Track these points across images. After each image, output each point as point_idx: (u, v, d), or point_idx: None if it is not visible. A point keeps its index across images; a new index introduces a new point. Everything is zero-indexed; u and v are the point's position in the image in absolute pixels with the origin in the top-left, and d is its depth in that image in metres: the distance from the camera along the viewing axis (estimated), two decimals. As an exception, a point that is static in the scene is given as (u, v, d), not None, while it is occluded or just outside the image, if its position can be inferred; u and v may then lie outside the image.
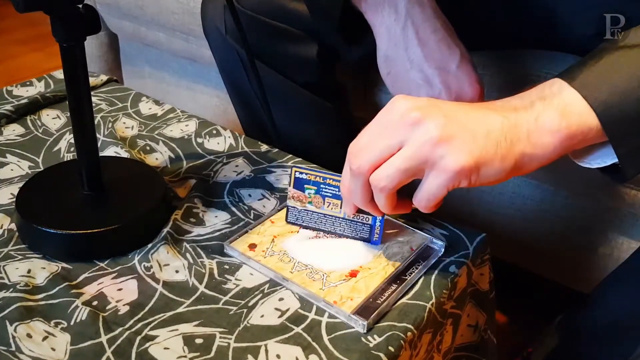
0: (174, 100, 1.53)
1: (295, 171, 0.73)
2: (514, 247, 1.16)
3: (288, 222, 0.76)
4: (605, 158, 0.62)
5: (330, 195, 0.72)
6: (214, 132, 0.97)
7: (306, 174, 0.73)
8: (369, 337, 0.62)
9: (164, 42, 1.46)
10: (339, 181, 0.71)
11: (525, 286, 1.27)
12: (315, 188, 0.73)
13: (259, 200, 0.82)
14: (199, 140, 0.95)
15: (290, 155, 0.91)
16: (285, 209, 0.78)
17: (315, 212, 0.74)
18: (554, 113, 0.58)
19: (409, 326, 0.63)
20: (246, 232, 0.75)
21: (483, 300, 0.78)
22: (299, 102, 1.00)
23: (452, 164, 0.57)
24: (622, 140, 0.58)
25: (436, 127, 0.57)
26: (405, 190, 0.63)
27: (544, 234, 1.13)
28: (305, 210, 0.74)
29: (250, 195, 0.83)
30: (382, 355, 0.60)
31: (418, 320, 0.64)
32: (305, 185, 0.73)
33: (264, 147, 0.93)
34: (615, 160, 0.60)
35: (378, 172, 0.60)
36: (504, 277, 0.91)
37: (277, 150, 0.92)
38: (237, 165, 0.89)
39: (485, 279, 0.77)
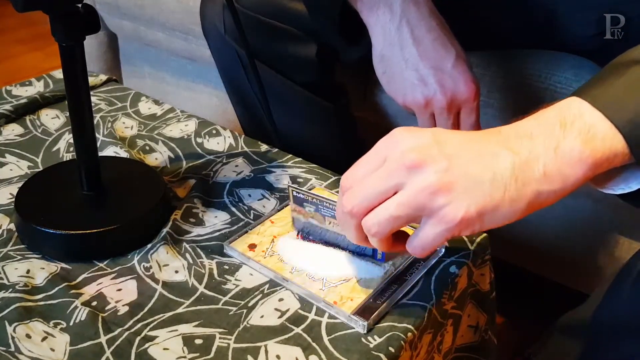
0: (173, 100, 1.53)
1: (293, 190, 0.72)
2: (514, 248, 1.16)
3: (295, 229, 0.75)
4: (630, 183, 0.57)
5: (330, 215, 0.70)
6: (214, 132, 0.97)
7: (303, 194, 0.71)
8: (369, 338, 0.62)
9: (163, 41, 1.46)
10: (334, 203, 0.68)
11: (526, 286, 1.27)
12: (314, 207, 0.71)
13: (258, 200, 0.82)
14: (199, 140, 0.95)
15: (290, 155, 0.91)
16: (284, 209, 0.78)
17: (317, 226, 0.72)
18: (575, 140, 0.52)
19: (410, 327, 0.63)
20: (246, 232, 0.75)
21: (484, 301, 0.78)
22: (299, 102, 1.00)
23: (452, 215, 0.53)
24: None
25: (435, 174, 0.53)
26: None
27: (545, 234, 1.13)
28: (309, 222, 0.73)
29: (250, 196, 0.83)
30: (382, 355, 0.60)
31: (418, 321, 0.64)
32: (305, 203, 0.72)
33: (264, 147, 0.93)
34: None
35: (370, 217, 0.57)
36: (504, 278, 0.91)
37: (276, 150, 0.92)
38: (236, 165, 0.89)
39: (486, 279, 0.77)
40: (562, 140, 0.53)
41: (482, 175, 0.53)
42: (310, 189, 0.79)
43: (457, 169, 0.53)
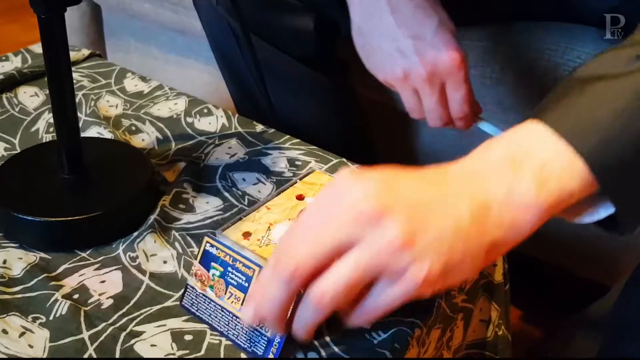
0: (161, 76, 1.52)
1: (207, 242, 0.63)
2: (530, 236, 1.15)
3: (182, 307, 0.64)
4: (600, 211, 0.54)
5: (235, 284, 0.61)
6: (205, 111, 0.97)
7: (217, 248, 0.62)
8: (373, 334, 0.61)
9: (150, 13, 1.45)
10: (250, 267, 0.60)
11: (541, 278, 1.27)
12: (222, 270, 0.61)
13: (253, 184, 0.81)
14: (189, 119, 0.95)
15: (288, 137, 0.90)
16: (282, 195, 0.78)
17: (212, 301, 0.62)
18: (528, 183, 0.50)
19: (417, 322, 0.63)
20: (240, 219, 0.74)
21: (496, 294, 0.78)
22: (296, 78, 1.00)
23: (417, 274, 0.48)
24: (620, 193, 0.51)
25: (396, 227, 0.48)
26: None
27: (562, 222, 1.12)
28: (203, 295, 0.63)
29: (244, 180, 0.82)
30: (387, 352, 0.60)
31: (426, 316, 0.64)
32: (212, 263, 0.62)
33: (259, 128, 0.93)
34: (611, 212, 0.53)
35: (321, 284, 0.49)
36: (519, 269, 0.91)
37: (273, 130, 0.92)
38: (230, 147, 0.88)
39: (499, 270, 0.77)
40: (513, 182, 0.50)
41: (444, 225, 0.49)
42: (308, 173, 0.79)
43: (418, 218, 0.49)
